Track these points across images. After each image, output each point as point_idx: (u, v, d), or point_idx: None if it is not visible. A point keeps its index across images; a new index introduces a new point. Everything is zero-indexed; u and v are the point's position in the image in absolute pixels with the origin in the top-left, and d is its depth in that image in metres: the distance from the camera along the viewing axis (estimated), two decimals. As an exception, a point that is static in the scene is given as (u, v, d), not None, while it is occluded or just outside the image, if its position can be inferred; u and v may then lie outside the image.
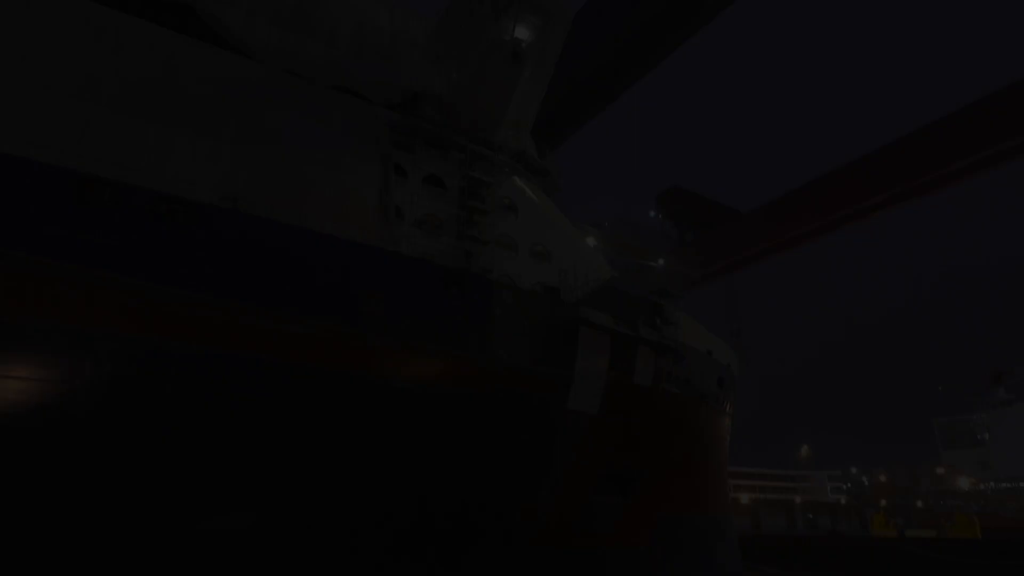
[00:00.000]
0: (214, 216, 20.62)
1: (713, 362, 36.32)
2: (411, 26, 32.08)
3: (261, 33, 26.45)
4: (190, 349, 19.32)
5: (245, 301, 20.25)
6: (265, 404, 20.50)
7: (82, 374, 17.89)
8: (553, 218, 32.14)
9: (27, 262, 17.37)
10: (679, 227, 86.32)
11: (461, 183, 28.78)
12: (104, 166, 19.82)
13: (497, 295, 25.81)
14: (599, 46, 53.25)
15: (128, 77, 21.99)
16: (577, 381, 27.12)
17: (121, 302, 18.44)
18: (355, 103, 28.11)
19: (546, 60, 31.93)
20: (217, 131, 23.03)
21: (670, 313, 32.08)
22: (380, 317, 22.55)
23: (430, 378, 23.57)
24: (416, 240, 26.38)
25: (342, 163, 25.37)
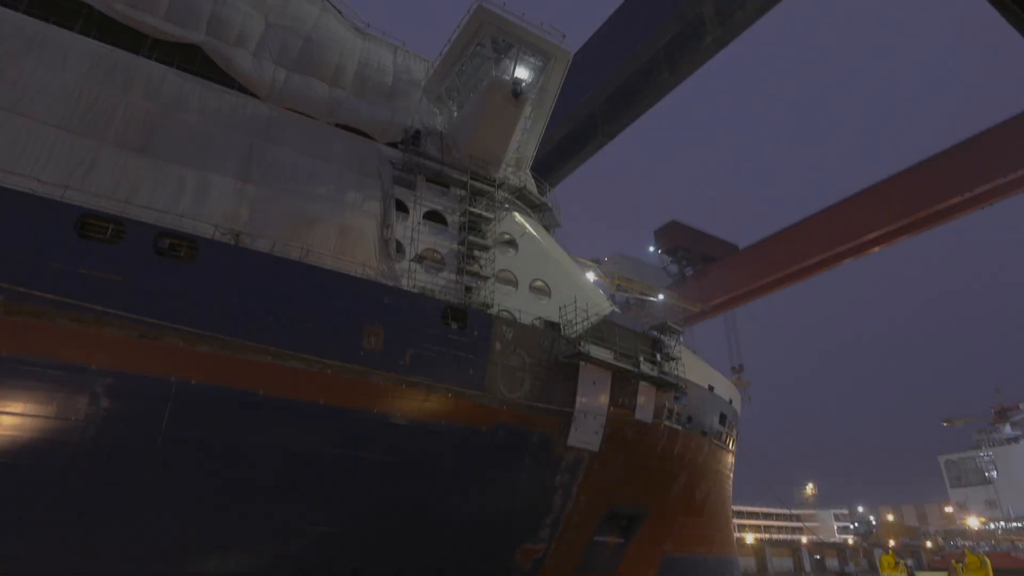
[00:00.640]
0: (215, 251, 20.72)
1: (715, 397, 35.99)
2: (413, 66, 32.85)
3: (267, 73, 27.07)
4: (188, 385, 19.18)
5: (244, 336, 20.18)
6: (262, 439, 20.22)
7: (78, 410, 17.72)
8: (553, 253, 32.30)
9: (28, 297, 17.39)
10: (678, 262, 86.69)
11: (462, 219, 29.06)
12: (108, 202, 20.06)
13: (497, 330, 25.75)
14: (598, 85, 54.36)
15: (135, 115, 22.43)
16: (578, 418, 26.83)
17: (119, 337, 18.37)
18: (357, 141, 28.60)
19: (546, 99, 32.58)
20: (221, 167, 23.36)
21: (671, 348, 31.95)
22: (380, 352, 22.42)
23: (429, 415, 23.31)
24: (417, 275, 26.48)
25: (343, 199, 25.64)
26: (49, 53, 21.65)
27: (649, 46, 49.76)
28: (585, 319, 29.07)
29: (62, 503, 17.40)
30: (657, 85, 52.52)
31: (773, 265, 71.78)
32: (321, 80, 28.74)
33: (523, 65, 30.04)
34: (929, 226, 60.22)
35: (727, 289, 77.28)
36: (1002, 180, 51.53)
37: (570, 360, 27.04)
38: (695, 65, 50.50)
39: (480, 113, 29.46)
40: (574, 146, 61.72)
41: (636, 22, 50.69)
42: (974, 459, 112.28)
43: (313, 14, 29.48)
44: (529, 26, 28.91)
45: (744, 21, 45.47)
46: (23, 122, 20.00)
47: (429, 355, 23.49)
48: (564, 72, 31.45)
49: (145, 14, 24.58)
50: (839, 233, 64.75)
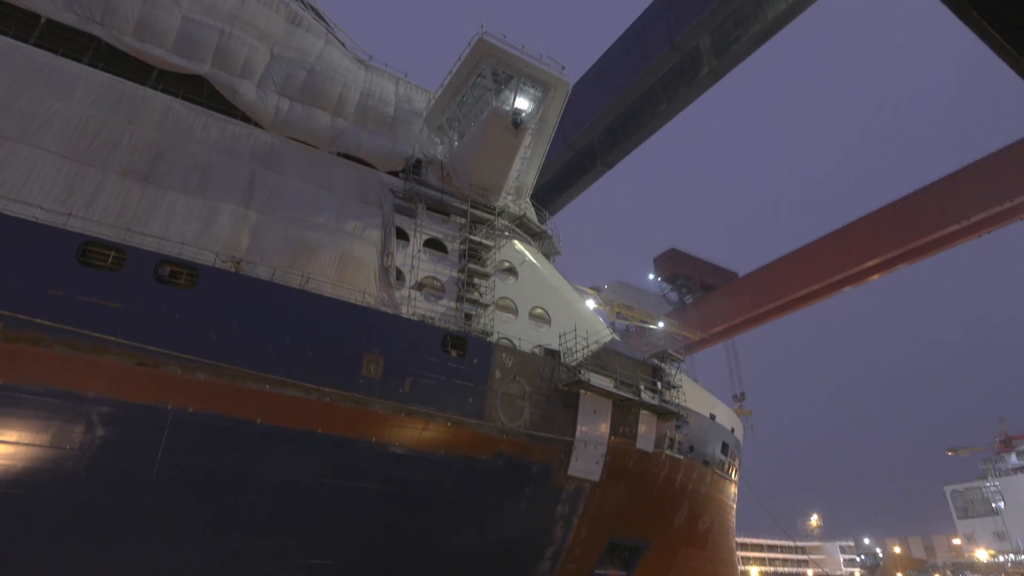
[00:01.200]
0: (215, 278, 20.75)
1: (717, 426, 35.67)
2: (414, 97, 33.38)
3: (271, 103, 27.48)
4: (185, 413, 19.01)
5: (242, 364, 20.07)
6: (259, 469, 19.96)
7: (73, 438, 17.53)
8: (553, 281, 32.35)
9: (27, 324, 17.36)
10: (678, 290, 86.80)
11: (462, 247, 29.20)
12: (111, 229, 20.18)
13: (497, 358, 25.64)
14: (598, 115, 55.17)
15: (140, 144, 22.72)
16: (578, 447, 26.54)
17: (117, 365, 18.28)
18: (359, 169, 28.90)
19: (545, 128, 33.02)
20: (223, 195, 23.57)
21: (671, 376, 31.78)
22: (379, 380, 22.29)
23: (428, 444, 23.06)
24: (417, 303, 26.49)
25: (344, 227, 25.79)
26: (57, 84, 22.02)
27: (647, 77, 50.66)
28: (585, 347, 28.98)
29: (56, 532, 17.11)
30: (655, 115, 53.32)
31: (772, 293, 71.84)
32: (324, 110, 29.17)
33: (523, 96, 30.53)
34: (927, 254, 60.47)
35: (727, 317, 77.20)
36: (998, 208, 51.93)
37: (570, 388, 26.87)
38: (693, 96, 51.36)
39: (481, 142, 29.82)
40: (574, 175, 62.41)
41: (634, 54, 51.67)
42: (980, 489, 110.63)
43: (317, 46, 30.06)
44: (529, 58, 29.45)
45: (740, 53, 46.36)
46: (30, 151, 20.24)
47: (428, 383, 23.35)
48: (563, 102, 31.94)
49: (152, 46, 25.06)
50: (837, 261, 64.97)
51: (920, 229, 57.54)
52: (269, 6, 28.59)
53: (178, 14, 25.86)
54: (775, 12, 42.65)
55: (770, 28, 44.24)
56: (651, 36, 49.94)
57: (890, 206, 61.24)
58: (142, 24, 24.85)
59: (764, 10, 43.08)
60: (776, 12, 42.61)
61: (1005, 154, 52.40)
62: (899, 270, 65.16)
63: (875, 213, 62.54)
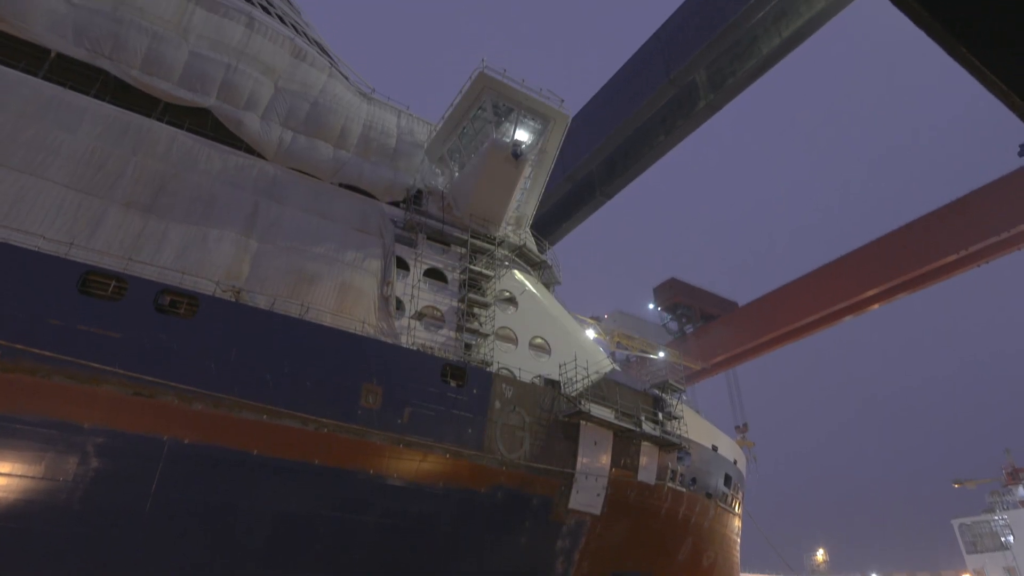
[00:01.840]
0: (215, 308, 20.75)
1: (719, 458, 35.22)
2: (416, 129, 33.88)
3: (274, 135, 27.87)
4: (181, 444, 18.80)
5: (240, 394, 19.93)
6: (255, 501, 19.64)
7: (67, 470, 17.30)
8: (553, 311, 32.34)
9: (24, 353, 17.29)
10: (678, 319, 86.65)
11: (462, 276, 29.27)
12: (112, 259, 20.26)
13: (497, 388, 25.46)
14: (597, 147, 55.91)
15: (144, 174, 22.98)
16: (579, 479, 26.17)
17: (114, 395, 18.15)
18: (360, 199, 29.17)
19: (545, 159, 33.43)
20: (225, 225, 23.74)
21: (672, 407, 31.51)
22: (377, 411, 22.10)
23: (427, 476, 22.75)
24: (416, 332, 26.43)
25: (344, 257, 25.91)
26: (64, 116, 22.38)
27: (645, 110, 51.50)
28: (585, 377, 28.81)
29: (49, 566, 16.74)
30: (653, 147, 54.03)
31: (772, 323, 71.66)
32: (327, 142, 29.57)
33: (523, 128, 30.99)
34: (926, 283, 60.52)
35: (727, 347, 76.89)
36: (995, 238, 52.19)
37: (571, 419, 26.62)
38: (690, 128, 52.12)
39: (481, 173, 30.15)
40: (573, 205, 62.93)
41: (632, 87, 52.62)
42: (989, 523, 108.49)
43: (321, 80, 30.62)
44: (529, 91, 30.00)
45: (735, 88, 47.20)
46: (35, 182, 20.46)
47: (427, 414, 23.14)
48: (563, 134, 32.40)
49: (159, 80, 25.54)
50: (837, 290, 64.99)
51: (918, 258, 57.72)
52: (274, 41, 29.21)
53: (185, 49, 26.42)
54: (769, 48, 43.57)
55: (765, 63, 45.13)
56: (648, 70, 50.93)
57: (888, 236, 61.53)
58: (150, 58, 25.38)
59: (759, 46, 44.03)
60: (770, 48, 43.53)
61: (1001, 184, 52.89)
62: (899, 300, 65.14)
63: (873, 243, 62.80)
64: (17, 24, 22.97)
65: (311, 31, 34.68)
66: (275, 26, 29.95)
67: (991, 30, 2.90)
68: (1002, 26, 2.86)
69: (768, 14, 42.29)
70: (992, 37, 2.91)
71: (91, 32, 24.33)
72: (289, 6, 34.57)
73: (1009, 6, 2.79)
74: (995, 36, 2.91)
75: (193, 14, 27.18)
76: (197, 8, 27.33)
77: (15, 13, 22.91)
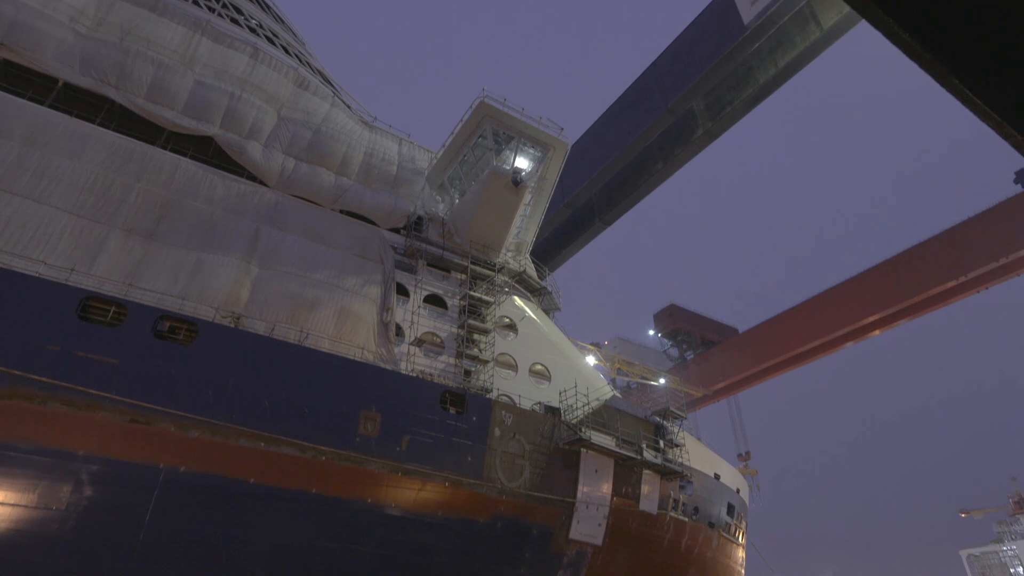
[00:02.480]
0: (214, 334, 20.69)
1: (722, 487, 34.74)
2: (417, 156, 34.23)
3: (276, 162, 28.13)
4: (177, 473, 18.57)
5: (237, 421, 19.75)
6: (250, 531, 19.31)
7: (60, 498, 17.05)
8: (553, 337, 32.25)
9: (22, 379, 17.19)
10: (678, 346, 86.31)
11: (462, 302, 29.26)
12: (113, 285, 20.28)
13: (496, 415, 25.25)
14: (596, 174, 56.38)
15: (146, 201, 23.15)
16: (580, 508, 25.78)
17: (110, 422, 17.99)
18: (361, 226, 29.32)
19: (545, 187, 33.69)
20: (225, 251, 23.82)
21: (674, 434, 31.20)
22: (376, 438, 21.88)
23: (425, 505, 22.41)
24: (416, 359, 26.32)
25: (344, 283, 25.94)
26: (69, 143, 22.64)
27: (643, 138, 52.05)
28: (586, 404, 28.59)
29: None
30: (652, 175, 54.48)
31: (773, 349, 71.40)
32: (328, 169, 29.83)
33: (523, 155, 31.32)
34: (927, 310, 60.48)
35: (728, 373, 76.47)
36: (994, 264, 52.33)
37: (571, 447, 26.34)
38: (688, 156, 52.62)
39: (481, 200, 30.36)
40: (573, 232, 63.19)
41: (631, 116, 53.27)
42: (997, 554, 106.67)
43: (323, 108, 31.04)
44: (529, 120, 30.38)
45: (734, 115, 47.80)
46: (38, 208, 20.61)
47: (426, 441, 22.90)
48: (562, 162, 32.72)
49: (164, 108, 25.89)
50: (837, 316, 64.90)
51: (917, 285, 57.80)
52: (278, 71, 29.69)
53: (190, 78, 26.83)
54: (765, 77, 44.25)
55: (761, 92, 45.78)
56: (646, 99, 51.64)
57: (887, 262, 61.70)
58: (155, 87, 25.77)
59: (755, 75, 44.73)
60: (767, 77, 44.21)
61: (999, 211, 53.24)
62: (901, 326, 65.00)
63: (872, 269, 62.94)
64: (27, 54, 23.39)
65: (315, 61, 35.29)
66: (279, 56, 30.50)
67: (983, 61, 2.94)
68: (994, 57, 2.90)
69: (763, 45, 43.06)
70: (984, 68, 2.95)
71: (98, 62, 24.76)
72: (293, 37, 35.23)
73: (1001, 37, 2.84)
74: (987, 67, 2.94)
75: (199, 44, 27.68)
76: (203, 39, 27.84)
77: (25, 44, 23.34)
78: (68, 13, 25.03)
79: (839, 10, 38.06)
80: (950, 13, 2.81)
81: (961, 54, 2.89)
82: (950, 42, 2.88)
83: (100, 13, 25.94)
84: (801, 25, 40.56)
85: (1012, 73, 2.89)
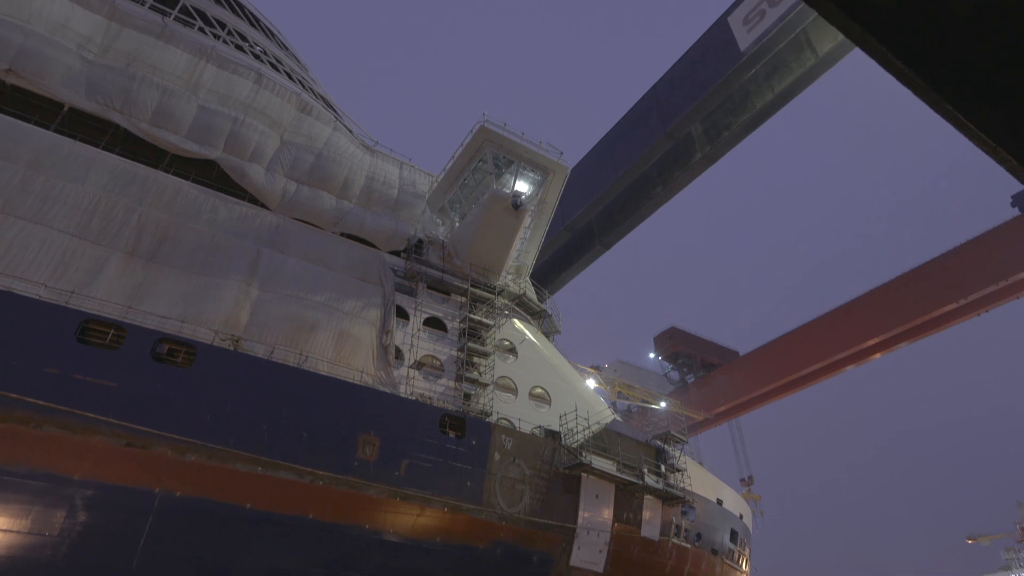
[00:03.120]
0: (212, 357, 20.62)
1: (724, 512, 34.28)
2: (417, 180, 34.50)
3: (278, 185, 28.31)
4: (172, 497, 18.34)
5: (235, 445, 19.57)
6: (246, 557, 19.00)
7: (53, 524, 16.82)
8: (553, 360, 32.13)
9: (18, 403, 17.08)
10: (679, 369, 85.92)
11: (462, 325, 29.21)
12: (113, 307, 20.27)
13: (496, 439, 25.02)
14: (595, 198, 56.77)
15: (148, 224, 23.25)
16: (581, 534, 25.41)
17: (106, 446, 17.83)
18: (361, 249, 29.41)
19: (545, 210, 33.88)
20: (226, 274, 23.85)
21: (675, 459, 30.88)
22: (374, 463, 21.66)
23: (424, 531, 22.10)
24: (415, 382, 26.19)
25: (344, 306, 25.93)
26: (73, 167, 22.82)
27: (642, 162, 52.53)
28: (586, 428, 28.37)
29: None
30: (651, 198, 54.82)
31: (774, 372, 71.06)
32: (330, 192, 30.04)
33: (523, 179, 31.55)
34: (927, 333, 60.33)
35: (729, 397, 75.98)
36: (993, 287, 52.37)
37: (572, 471, 26.06)
38: (687, 179, 53.00)
39: (482, 223, 30.51)
40: (573, 255, 63.38)
41: (630, 140, 53.83)
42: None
43: (325, 133, 31.38)
44: (528, 144, 30.68)
45: (732, 139, 48.28)
46: (41, 230, 20.71)
47: (425, 466, 22.67)
48: (562, 185, 32.95)
49: (167, 132, 26.15)
50: (837, 340, 64.72)
51: (917, 307, 57.76)
52: (281, 96, 30.08)
53: (195, 103, 27.16)
54: (763, 102, 44.79)
55: (759, 116, 46.32)
56: (645, 123, 52.23)
57: (887, 285, 61.77)
58: (160, 112, 26.06)
59: (752, 100, 45.29)
60: (764, 102, 44.76)
61: (996, 234, 53.49)
62: (902, 348, 64.79)
63: (872, 292, 62.98)
64: (35, 80, 23.71)
65: (317, 87, 35.78)
66: (283, 82, 30.92)
67: (976, 87, 2.98)
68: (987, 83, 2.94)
69: (760, 71, 43.69)
70: (977, 94, 2.98)
71: (104, 87, 25.08)
72: (297, 63, 35.77)
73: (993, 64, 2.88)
74: (980, 93, 2.98)
75: (204, 70, 28.08)
76: (208, 65, 28.25)
77: (33, 70, 23.67)
78: (76, 40, 25.44)
79: (834, 37, 38.68)
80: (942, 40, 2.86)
81: (954, 81, 2.93)
82: (943, 69, 2.92)
83: (107, 40, 26.36)
84: (797, 51, 41.19)
85: (1005, 99, 2.93)
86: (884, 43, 2.92)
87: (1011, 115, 2.96)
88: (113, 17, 26.71)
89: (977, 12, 2.74)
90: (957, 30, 2.82)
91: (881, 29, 2.90)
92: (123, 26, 26.79)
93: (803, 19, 39.20)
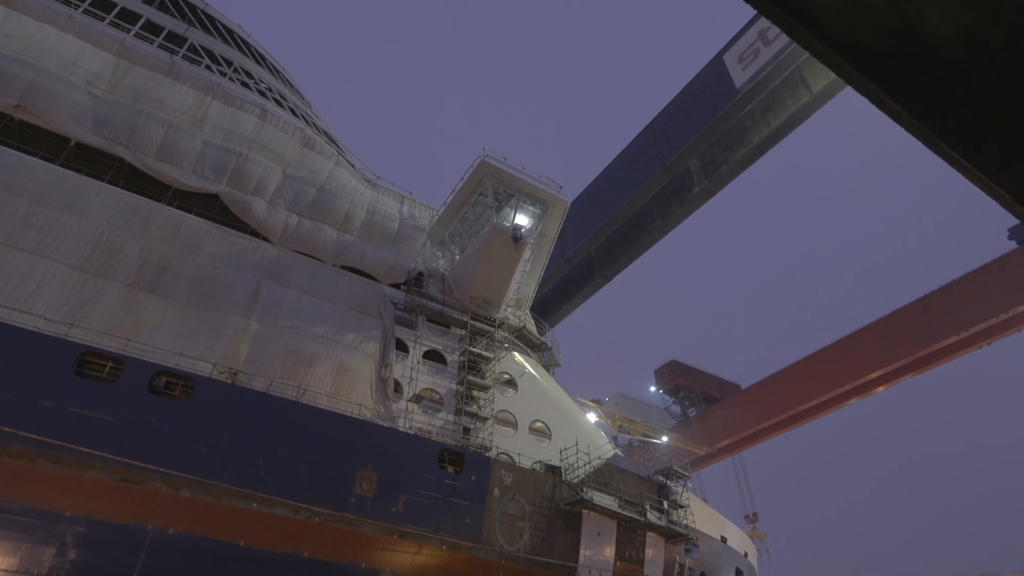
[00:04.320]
0: (210, 390, 20.46)
1: (729, 550, 33.52)
2: (418, 213, 34.79)
3: (280, 218, 28.52)
4: (165, 534, 17.96)
5: (230, 480, 19.25)
6: (238, 600, 18.52)
7: (41, 562, 16.43)
8: (553, 393, 31.86)
9: (12, 437, 16.87)
10: (680, 402, 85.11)
11: (461, 358, 29.05)
12: (112, 340, 20.20)
13: (496, 474, 24.63)
14: (595, 231, 57.18)
15: (150, 257, 23.35)
16: (582, 574, 24.78)
17: (100, 481, 17.54)
18: (361, 281, 29.46)
19: (545, 243, 34.06)
20: (226, 306, 23.85)
21: (678, 494, 30.33)
22: (371, 498, 21.27)
23: (421, 570, 21.55)
24: (414, 416, 25.92)
25: (343, 339, 25.84)
26: (76, 200, 23.03)
27: (641, 196, 53.06)
28: (587, 463, 27.95)
29: None
30: (650, 231, 55.20)
31: (776, 406, 70.34)
32: (331, 226, 30.24)
33: (523, 212, 31.81)
34: (929, 366, 59.97)
35: (731, 431, 75.06)
36: (994, 320, 52.25)
37: (572, 508, 25.57)
38: (686, 213, 53.47)
39: (482, 256, 30.63)
40: (572, 287, 63.48)
41: (629, 174, 54.48)
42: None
43: (327, 167, 31.77)
44: (528, 178, 31.03)
45: (729, 174, 48.86)
46: (43, 263, 20.79)
47: (424, 502, 22.27)
48: (562, 219, 33.21)
49: (171, 167, 26.47)
50: (840, 373, 64.25)
51: (919, 341, 57.52)
52: (285, 131, 30.55)
53: (199, 138, 27.56)
54: (759, 137, 45.49)
55: (756, 151, 46.98)
56: (644, 158, 52.95)
57: (887, 317, 61.60)
58: (164, 147, 26.42)
59: (749, 136, 46.00)
60: (760, 137, 45.45)
61: (995, 266, 53.60)
62: (905, 382, 64.30)
63: (874, 324, 62.72)
64: (43, 116, 24.11)
65: (320, 122, 36.38)
66: (287, 117, 31.45)
67: (968, 124, 3.02)
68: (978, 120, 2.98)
69: (755, 107, 44.48)
70: (969, 131, 3.03)
71: (111, 123, 25.49)
72: (301, 99, 36.45)
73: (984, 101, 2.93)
74: (972, 129, 3.03)
75: (210, 106, 28.59)
76: (214, 101, 28.78)
77: (42, 106, 24.09)
78: (85, 77, 25.97)
79: (827, 75, 39.47)
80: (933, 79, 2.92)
81: (946, 118, 2.98)
82: (935, 107, 2.97)
83: (116, 77, 26.90)
84: (791, 88, 41.99)
85: (997, 135, 2.98)
86: (876, 83, 2.98)
87: (1002, 151, 3.00)
88: (123, 55, 27.31)
89: (967, 53, 2.80)
90: (947, 68, 2.88)
91: (872, 68, 2.96)
92: (132, 64, 27.38)
93: (796, 57, 40.08)
